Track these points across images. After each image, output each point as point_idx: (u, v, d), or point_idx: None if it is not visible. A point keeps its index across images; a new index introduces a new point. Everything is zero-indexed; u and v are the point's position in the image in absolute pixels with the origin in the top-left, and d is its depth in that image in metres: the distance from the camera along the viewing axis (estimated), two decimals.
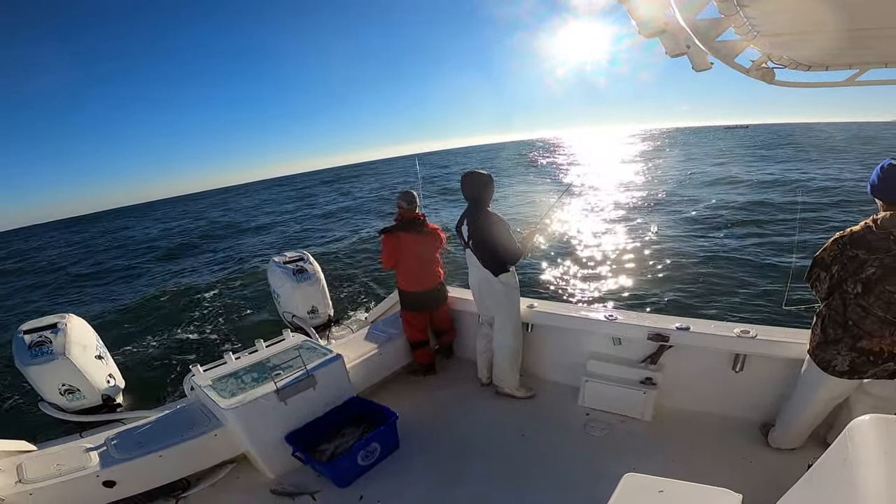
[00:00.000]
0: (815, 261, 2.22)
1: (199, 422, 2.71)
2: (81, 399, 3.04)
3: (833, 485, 1.18)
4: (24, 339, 2.98)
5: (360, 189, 41.49)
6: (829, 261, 2.13)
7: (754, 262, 9.06)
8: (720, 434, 2.75)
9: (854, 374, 2.12)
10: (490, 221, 3.11)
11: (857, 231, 2.05)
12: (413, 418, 3.15)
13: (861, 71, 1.60)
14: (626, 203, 17.23)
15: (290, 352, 3.10)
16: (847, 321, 2.10)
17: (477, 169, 3.29)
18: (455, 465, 2.73)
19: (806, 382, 2.34)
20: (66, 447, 2.53)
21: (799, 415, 2.40)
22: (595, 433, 2.90)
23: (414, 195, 3.65)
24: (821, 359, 2.20)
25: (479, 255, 3.18)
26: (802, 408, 2.37)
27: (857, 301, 2.06)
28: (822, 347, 2.20)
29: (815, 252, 2.23)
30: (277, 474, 2.75)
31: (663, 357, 3.00)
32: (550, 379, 3.53)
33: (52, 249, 33.38)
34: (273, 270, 4.47)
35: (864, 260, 2.00)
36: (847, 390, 2.23)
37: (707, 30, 1.36)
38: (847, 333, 2.10)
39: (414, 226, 3.58)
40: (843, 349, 2.12)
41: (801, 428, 2.43)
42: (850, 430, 1.17)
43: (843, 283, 2.10)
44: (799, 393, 2.40)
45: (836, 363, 2.15)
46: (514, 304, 3.29)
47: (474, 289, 3.38)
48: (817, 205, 13.63)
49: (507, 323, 3.28)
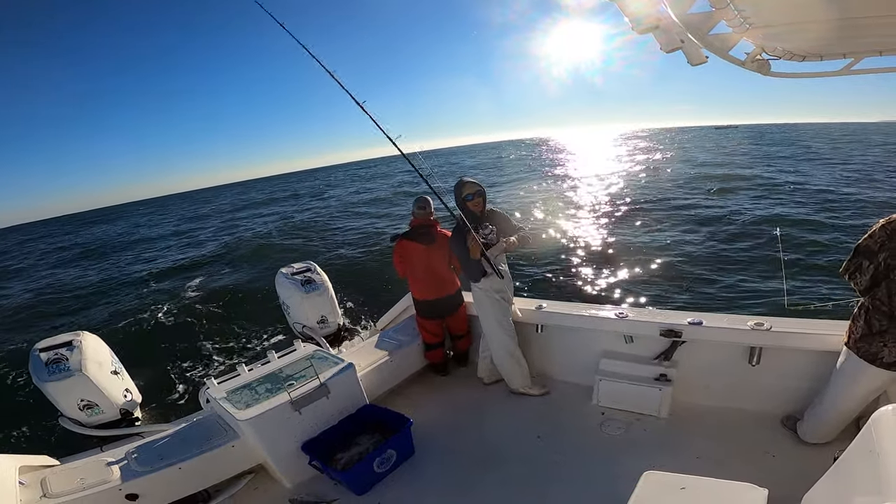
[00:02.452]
0: (856, 249, 2.14)
1: (216, 434, 2.74)
2: (100, 414, 3.09)
3: (861, 476, 1.17)
4: (41, 357, 3.05)
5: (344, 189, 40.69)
6: (877, 248, 2.04)
7: (761, 256, 9.00)
8: (740, 429, 2.72)
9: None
10: (451, 235, 3.31)
11: None
12: (428, 424, 3.15)
13: (856, 60, 1.61)
14: (626, 200, 17.16)
15: (303, 362, 3.13)
16: (894, 312, 2.03)
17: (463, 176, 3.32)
18: (472, 470, 2.73)
19: (846, 375, 2.26)
20: (88, 461, 2.56)
21: (836, 408, 2.33)
22: (612, 432, 2.89)
23: (426, 200, 3.63)
24: (865, 351, 2.14)
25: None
26: (841, 401, 2.30)
27: None
28: (868, 339, 2.13)
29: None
30: (295, 483, 2.76)
31: (677, 353, 2.99)
32: (563, 379, 3.52)
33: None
34: (281, 282, 4.51)
35: None
36: (888, 382, 2.17)
37: (699, 24, 1.38)
38: (893, 324, 2.04)
39: (420, 235, 3.57)
40: (890, 340, 2.05)
41: (838, 421, 2.37)
42: (873, 421, 1.16)
43: (889, 271, 2.02)
44: (837, 385, 2.32)
45: (884, 355, 2.08)
46: (492, 311, 3.31)
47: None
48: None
49: (490, 330, 3.36)
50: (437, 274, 3.61)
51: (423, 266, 3.58)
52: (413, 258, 3.58)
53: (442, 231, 3.65)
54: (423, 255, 3.56)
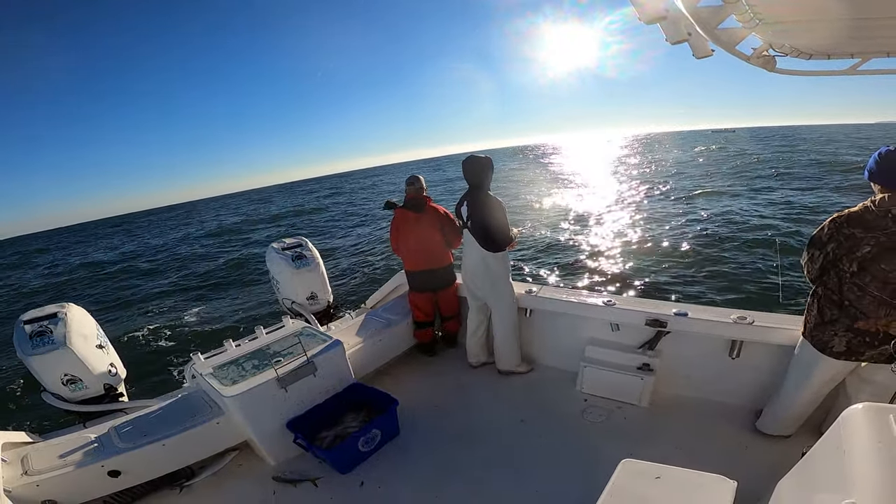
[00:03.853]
0: (810, 241, 2.20)
1: (201, 410, 2.73)
2: (83, 389, 3.05)
3: (826, 473, 1.20)
4: (25, 329, 2.98)
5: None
6: (826, 239, 2.11)
7: (755, 249, 9.09)
8: (716, 420, 2.78)
9: (851, 354, 2.12)
10: (491, 203, 3.23)
11: (855, 211, 2.04)
12: (413, 404, 3.19)
13: (863, 60, 1.58)
14: (623, 195, 17.18)
15: (290, 338, 3.11)
16: (843, 301, 2.09)
17: (476, 154, 3.37)
18: (454, 451, 2.77)
19: (800, 365, 2.33)
20: (70, 437, 2.55)
21: (792, 399, 2.40)
22: (593, 419, 2.94)
23: (416, 177, 3.75)
24: (818, 340, 2.20)
25: (479, 234, 3.25)
26: (796, 392, 2.36)
27: (852, 280, 2.05)
28: (819, 328, 2.19)
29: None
30: (279, 461, 2.78)
31: (661, 343, 3.02)
32: (549, 364, 3.57)
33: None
34: (271, 257, 4.47)
35: (860, 238, 1.98)
36: (842, 373, 2.23)
37: (709, 17, 1.34)
38: (843, 314, 2.09)
39: (413, 206, 3.64)
40: (840, 329, 2.11)
41: (794, 413, 2.43)
42: (843, 419, 1.18)
43: (838, 261, 2.09)
44: (793, 376, 2.39)
45: (834, 344, 2.14)
46: (510, 283, 3.40)
47: (468, 270, 3.44)
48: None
49: (504, 304, 3.38)
50: (428, 243, 3.65)
51: (415, 235, 3.63)
52: (405, 227, 3.65)
53: (433, 204, 3.70)
54: (414, 224, 3.63)
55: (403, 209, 3.68)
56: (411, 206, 3.66)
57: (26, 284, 18.67)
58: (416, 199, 3.67)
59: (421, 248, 3.66)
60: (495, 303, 3.40)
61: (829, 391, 2.34)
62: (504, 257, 3.34)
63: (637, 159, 39.19)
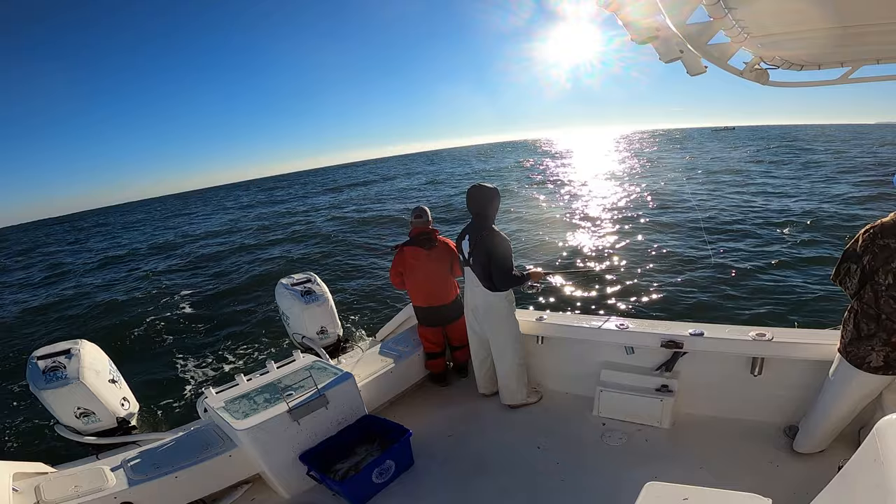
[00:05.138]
0: (844, 254, 2.17)
1: (213, 443, 2.71)
2: (97, 422, 3.07)
3: (865, 485, 1.15)
4: (38, 365, 3.03)
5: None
6: (861, 251, 2.07)
7: (764, 265, 8.98)
8: (743, 439, 2.69)
9: (889, 369, 2.06)
10: (495, 241, 3.06)
11: (888, 221, 2.02)
12: (427, 435, 3.12)
13: (853, 68, 1.63)
14: (626, 206, 17.18)
15: (301, 372, 3.11)
16: (880, 315, 2.04)
17: (483, 182, 3.26)
18: (471, 481, 2.70)
19: (837, 381, 2.26)
20: (83, 469, 2.54)
21: (828, 416, 2.32)
22: (612, 442, 2.86)
23: (423, 209, 3.67)
24: (854, 355, 2.14)
25: (480, 273, 3.14)
26: (833, 408, 2.29)
27: (888, 293, 2.00)
28: (856, 343, 2.14)
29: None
30: (293, 494, 2.73)
31: (678, 364, 2.97)
32: (563, 390, 3.50)
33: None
34: (281, 293, 4.51)
35: (895, 249, 1.96)
36: (878, 388, 2.17)
37: (698, 34, 1.40)
38: (881, 328, 2.05)
39: (421, 241, 3.59)
40: (878, 344, 2.06)
41: (829, 429, 2.35)
42: (878, 430, 1.15)
43: (874, 274, 2.05)
44: (829, 393, 2.31)
45: (871, 359, 2.09)
46: (513, 319, 3.27)
47: (469, 306, 3.35)
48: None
49: (505, 340, 3.25)
50: (437, 280, 3.61)
51: (424, 271, 3.58)
52: (414, 264, 3.59)
53: (442, 238, 3.66)
54: (424, 260, 3.57)
55: (413, 246, 3.58)
56: (421, 242, 3.58)
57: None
58: (425, 233, 3.61)
59: (429, 284, 3.61)
60: (496, 339, 3.28)
61: (866, 405, 2.27)
62: (507, 293, 3.21)
63: (635, 160, 38.88)
